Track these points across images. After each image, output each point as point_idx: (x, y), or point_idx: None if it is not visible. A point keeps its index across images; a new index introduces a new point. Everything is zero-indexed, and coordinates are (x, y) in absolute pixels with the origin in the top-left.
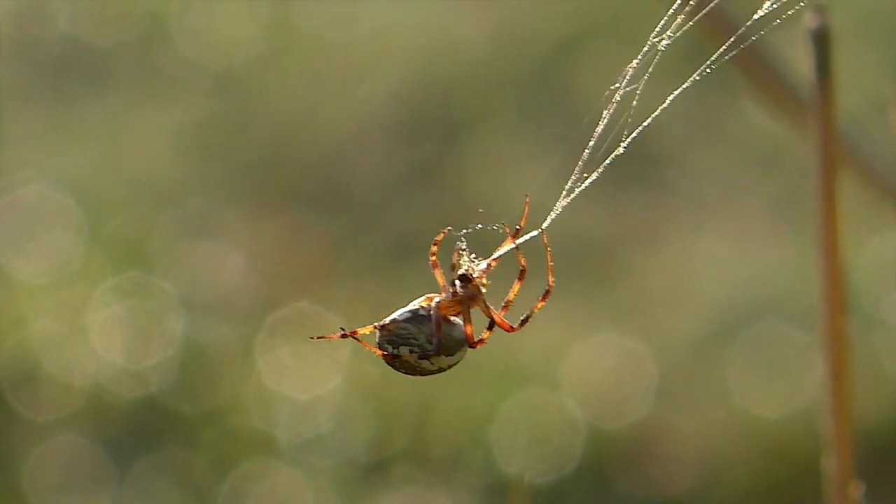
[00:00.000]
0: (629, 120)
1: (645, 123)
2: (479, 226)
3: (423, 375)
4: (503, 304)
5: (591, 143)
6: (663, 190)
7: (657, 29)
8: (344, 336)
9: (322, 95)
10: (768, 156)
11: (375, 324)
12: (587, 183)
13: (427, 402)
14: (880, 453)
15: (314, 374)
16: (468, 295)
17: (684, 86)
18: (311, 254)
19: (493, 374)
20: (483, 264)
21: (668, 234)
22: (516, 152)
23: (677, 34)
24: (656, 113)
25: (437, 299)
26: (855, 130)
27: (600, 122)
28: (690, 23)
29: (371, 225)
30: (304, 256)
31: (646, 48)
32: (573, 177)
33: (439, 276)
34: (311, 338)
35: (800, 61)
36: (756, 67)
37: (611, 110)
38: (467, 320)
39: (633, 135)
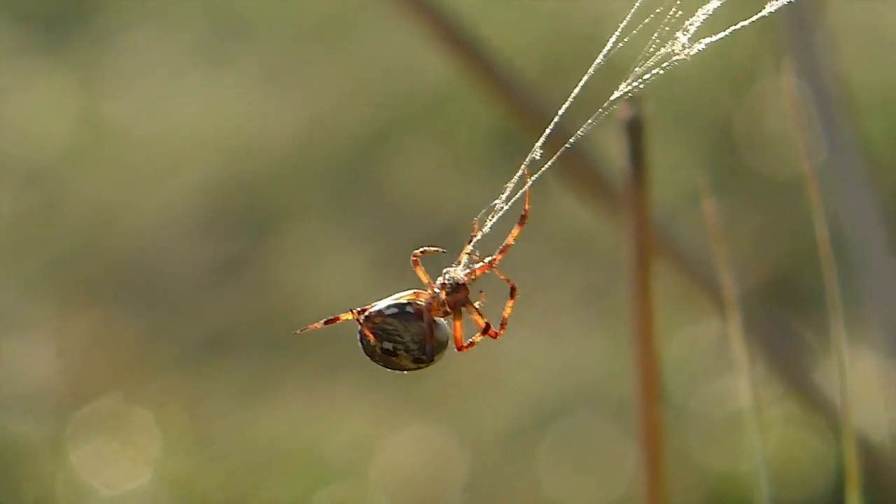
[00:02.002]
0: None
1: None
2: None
3: (398, 370)
4: (498, 253)
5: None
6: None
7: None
8: (328, 322)
9: (132, 188)
10: (578, 246)
11: (357, 309)
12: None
13: (237, 496)
14: None
15: (125, 469)
16: (458, 299)
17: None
18: (122, 348)
19: (304, 467)
20: (465, 266)
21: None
22: (328, 246)
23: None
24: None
25: (426, 300)
26: (668, 220)
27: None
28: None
29: (182, 319)
30: (114, 350)
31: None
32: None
33: (422, 275)
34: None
35: (613, 151)
36: (569, 157)
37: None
38: (457, 322)
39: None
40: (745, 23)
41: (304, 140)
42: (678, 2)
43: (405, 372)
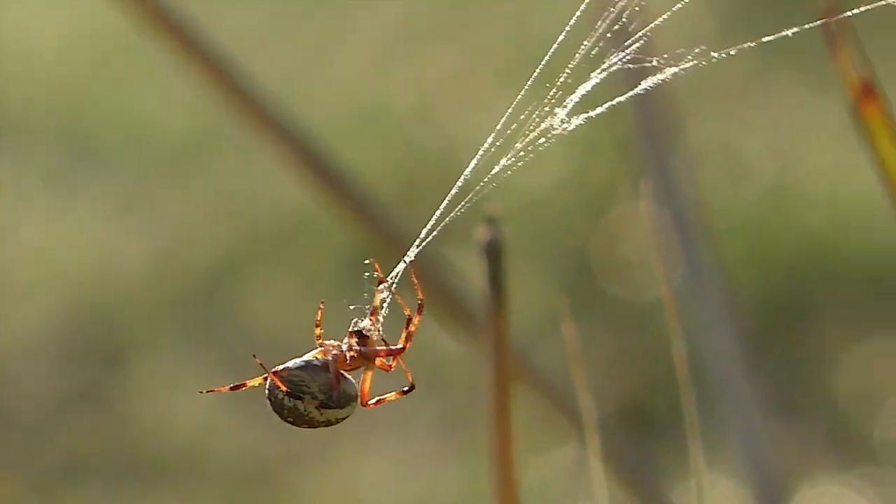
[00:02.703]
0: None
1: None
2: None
3: (310, 427)
4: (404, 337)
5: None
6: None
7: None
8: (234, 388)
9: None
10: (433, 375)
11: (267, 373)
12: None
13: None
14: None
15: None
16: (363, 352)
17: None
18: None
19: None
20: (368, 323)
21: (334, 454)
22: (182, 375)
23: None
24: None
25: (333, 352)
26: (527, 344)
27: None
28: None
29: (34, 450)
30: None
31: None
32: None
33: (327, 345)
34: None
35: (473, 274)
36: (428, 280)
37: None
38: (365, 376)
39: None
40: (622, 98)
41: (158, 268)
42: (535, 128)
43: (315, 428)
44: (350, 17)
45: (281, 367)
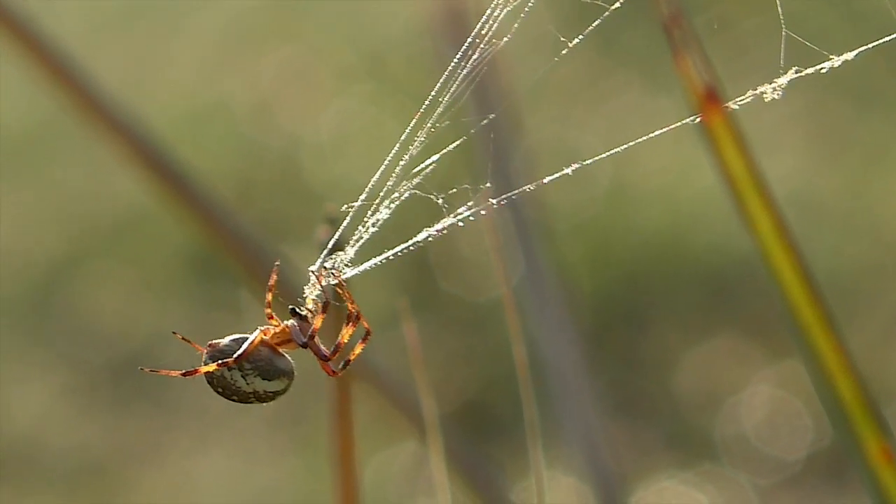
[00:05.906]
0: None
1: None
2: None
3: (242, 401)
4: (333, 350)
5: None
6: (164, 405)
7: None
8: (186, 374)
9: None
10: None
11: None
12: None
13: None
14: None
15: None
16: (300, 327)
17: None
18: None
19: None
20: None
21: (170, 449)
22: (20, 371)
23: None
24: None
25: (262, 326)
26: (368, 344)
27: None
28: None
29: None
30: None
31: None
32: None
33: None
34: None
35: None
36: (264, 278)
37: None
38: (312, 341)
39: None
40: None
41: None
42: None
43: (253, 403)
44: (187, 15)
45: (217, 340)
